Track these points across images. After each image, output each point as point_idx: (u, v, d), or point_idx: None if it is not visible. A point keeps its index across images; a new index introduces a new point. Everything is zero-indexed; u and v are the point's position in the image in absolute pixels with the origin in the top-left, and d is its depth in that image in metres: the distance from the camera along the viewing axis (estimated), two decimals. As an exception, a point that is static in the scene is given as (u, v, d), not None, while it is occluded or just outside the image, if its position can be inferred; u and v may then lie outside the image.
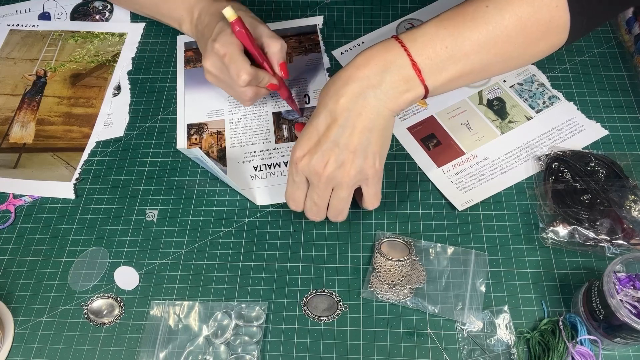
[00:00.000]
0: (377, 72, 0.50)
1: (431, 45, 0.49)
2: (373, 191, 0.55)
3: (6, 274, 0.60)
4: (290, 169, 0.54)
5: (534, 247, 0.59)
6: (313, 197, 0.54)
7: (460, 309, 0.55)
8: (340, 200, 0.55)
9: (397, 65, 0.50)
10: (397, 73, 0.50)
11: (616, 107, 0.68)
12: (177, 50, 0.77)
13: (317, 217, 0.57)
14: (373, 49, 0.51)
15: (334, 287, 0.58)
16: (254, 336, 0.55)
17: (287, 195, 0.57)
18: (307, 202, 0.56)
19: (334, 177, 0.52)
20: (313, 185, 0.54)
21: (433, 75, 0.50)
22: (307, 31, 0.78)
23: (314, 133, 0.52)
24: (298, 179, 0.54)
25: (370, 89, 0.50)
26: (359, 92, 0.50)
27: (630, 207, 0.57)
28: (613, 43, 0.73)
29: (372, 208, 0.57)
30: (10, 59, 0.78)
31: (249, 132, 0.69)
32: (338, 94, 0.51)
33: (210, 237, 0.62)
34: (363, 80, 0.50)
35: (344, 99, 0.50)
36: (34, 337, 0.56)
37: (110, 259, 0.61)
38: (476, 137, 0.66)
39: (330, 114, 0.51)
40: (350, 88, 0.50)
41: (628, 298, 0.50)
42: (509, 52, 0.51)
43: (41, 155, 0.69)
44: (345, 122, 0.50)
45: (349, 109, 0.50)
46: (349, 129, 0.50)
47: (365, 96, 0.50)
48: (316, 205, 0.55)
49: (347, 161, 0.51)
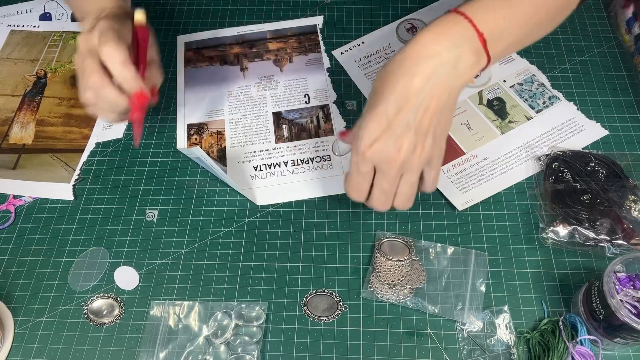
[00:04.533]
0: (449, 48, 0.48)
1: (492, 16, 0.49)
2: (435, 173, 0.53)
3: (6, 274, 0.60)
4: (356, 159, 0.51)
5: (534, 247, 0.59)
6: (382, 185, 0.51)
7: (460, 309, 0.55)
8: (411, 185, 0.52)
9: (466, 37, 0.48)
10: (468, 46, 0.48)
11: (616, 107, 0.68)
12: (177, 50, 0.77)
13: (385, 207, 0.54)
14: (437, 24, 0.49)
15: (334, 287, 0.58)
16: (254, 336, 0.55)
17: (350, 186, 0.54)
18: (374, 192, 0.53)
19: (408, 162, 0.50)
20: (383, 173, 0.51)
21: (495, 45, 0.50)
22: (307, 31, 0.78)
23: (383, 118, 0.49)
24: (365, 168, 0.51)
25: (444, 65, 0.48)
26: (432, 70, 0.48)
27: (630, 207, 0.57)
28: (613, 43, 0.73)
29: (431, 191, 0.55)
30: (10, 59, 0.78)
31: (249, 132, 0.69)
32: (409, 74, 0.48)
33: (210, 237, 0.62)
34: (435, 57, 0.48)
35: (418, 79, 0.48)
36: (34, 337, 0.56)
37: (110, 259, 0.61)
38: (476, 137, 0.66)
39: (401, 96, 0.48)
40: (423, 67, 0.48)
41: (628, 298, 0.50)
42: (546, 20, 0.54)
43: (40, 156, 0.69)
44: (419, 103, 0.48)
45: (423, 89, 0.48)
46: (422, 110, 0.48)
47: (439, 74, 0.48)
48: (385, 194, 0.52)
49: (419, 144, 0.49)
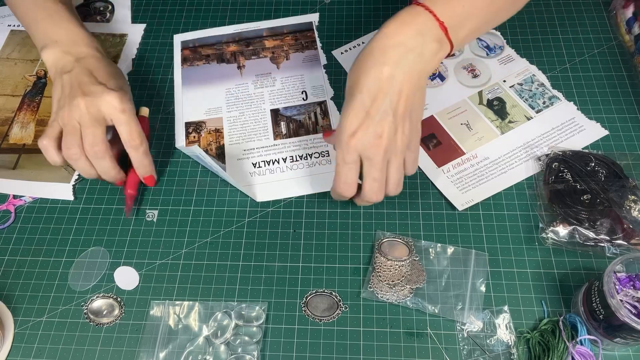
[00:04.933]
0: (412, 36, 0.51)
1: (451, 6, 0.53)
2: (414, 156, 0.55)
3: (6, 274, 0.60)
4: (340, 150, 0.53)
5: (534, 247, 0.59)
6: (372, 173, 0.53)
7: (460, 309, 0.55)
8: (398, 169, 0.54)
9: (427, 27, 0.52)
10: (430, 34, 0.52)
11: (616, 107, 0.68)
12: (174, 49, 0.77)
13: (378, 196, 0.55)
14: (399, 16, 0.53)
15: (334, 287, 0.58)
16: (254, 336, 0.55)
17: (338, 180, 0.55)
18: (366, 183, 0.54)
19: (391, 146, 0.52)
20: (370, 161, 0.52)
21: (455, 32, 0.53)
22: (304, 28, 0.78)
23: (360, 108, 0.51)
24: (350, 158, 0.52)
25: (410, 52, 0.51)
26: (399, 58, 0.51)
27: (630, 207, 0.57)
28: (613, 43, 0.73)
29: (412, 173, 0.57)
30: (10, 59, 0.78)
31: (248, 129, 0.69)
32: (378, 63, 0.51)
33: (210, 237, 0.62)
34: (400, 46, 0.51)
35: (387, 68, 0.51)
36: (34, 337, 0.56)
37: (110, 259, 0.61)
38: (476, 137, 0.66)
39: (374, 85, 0.51)
40: (390, 56, 0.51)
41: (628, 298, 0.50)
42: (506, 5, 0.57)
43: (41, 156, 0.68)
44: (392, 89, 0.51)
45: (393, 76, 0.51)
46: (396, 95, 0.51)
47: (406, 60, 0.51)
48: (376, 182, 0.54)
49: (399, 127, 0.52)
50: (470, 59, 0.73)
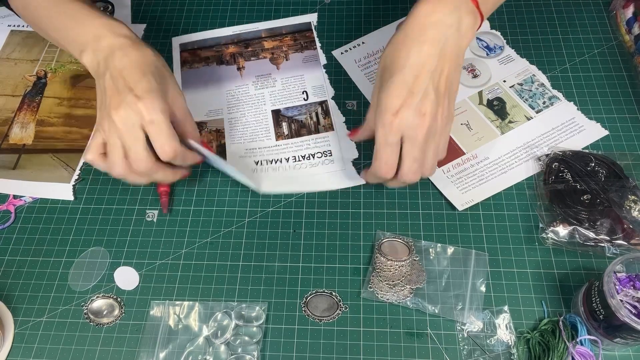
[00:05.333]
0: (449, 13, 0.51)
1: None
2: (446, 138, 0.55)
3: (6, 274, 0.60)
4: (383, 130, 0.52)
5: (534, 247, 0.59)
6: (413, 153, 0.52)
7: (460, 309, 0.55)
8: (436, 149, 0.54)
9: (461, 1, 0.52)
10: (464, 8, 0.52)
11: (616, 107, 0.68)
12: (173, 51, 0.77)
13: (416, 176, 0.54)
14: None
15: (334, 287, 0.58)
16: (254, 336, 0.55)
17: (379, 162, 0.54)
18: (405, 163, 0.53)
19: (433, 126, 0.52)
20: (413, 140, 0.52)
21: (485, 3, 0.54)
22: (302, 29, 0.78)
23: (402, 87, 0.51)
24: (393, 138, 0.52)
25: (449, 29, 0.51)
26: (439, 36, 0.51)
27: (630, 207, 0.57)
28: (613, 43, 0.73)
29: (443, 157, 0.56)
30: (10, 59, 0.78)
31: (249, 130, 0.69)
32: (418, 42, 0.51)
33: (210, 237, 0.62)
34: (438, 24, 0.51)
35: (428, 46, 0.51)
36: (34, 338, 0.56)
37: (110, 259, 0.61)
38: (476, 137, 0.66)
39: (416, 63, 0.51)
40: (430, 34, 0.51)
41: (628, 298, 0.50)
42: None
43: (41, 157, 0.69)
44: (434, 67, 0.51)
45: (434, 54, 0.51)
46: (438, 73, 0.51)
47: (446, 38, 0.51)
48: (416, 162, 0.53)
49: (440, 106, 0.52)
50: (470, 59, 0.73)
